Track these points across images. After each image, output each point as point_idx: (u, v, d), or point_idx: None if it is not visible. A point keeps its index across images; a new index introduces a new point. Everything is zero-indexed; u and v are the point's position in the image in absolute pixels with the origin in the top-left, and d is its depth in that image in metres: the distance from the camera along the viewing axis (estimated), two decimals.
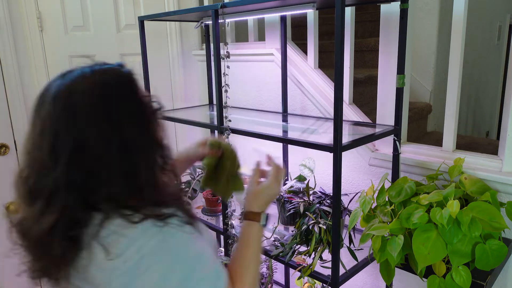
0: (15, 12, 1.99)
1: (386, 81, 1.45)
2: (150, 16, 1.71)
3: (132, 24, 2.19)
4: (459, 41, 1.27)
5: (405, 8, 1.26)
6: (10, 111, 2.01)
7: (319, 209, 1.30)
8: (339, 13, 0.96)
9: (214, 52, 1.34)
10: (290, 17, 1.81)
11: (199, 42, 2.35)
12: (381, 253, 1.08)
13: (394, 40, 1.39)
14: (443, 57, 2.40)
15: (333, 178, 1.07)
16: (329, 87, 1.65)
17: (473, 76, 2.87)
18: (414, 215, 1.04)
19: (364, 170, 1.55)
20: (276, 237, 1.41)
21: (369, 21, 2.71)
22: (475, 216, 1.00)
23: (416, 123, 2.23)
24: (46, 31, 2.07)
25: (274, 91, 1.87)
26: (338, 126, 1.03)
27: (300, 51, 1.80)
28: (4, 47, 1.96)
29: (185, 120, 1.71)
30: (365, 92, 2.09)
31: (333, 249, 1.12)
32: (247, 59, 1.96)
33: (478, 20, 2.74)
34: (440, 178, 1.29)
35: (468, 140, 2.23)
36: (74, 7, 2.10)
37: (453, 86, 1.31)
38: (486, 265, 0.99)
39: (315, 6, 1.25)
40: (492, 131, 3.39)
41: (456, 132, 1.35)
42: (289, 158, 1.80)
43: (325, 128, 1.46)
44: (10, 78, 2.00)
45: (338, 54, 0.98)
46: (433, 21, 2.34)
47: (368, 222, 1.21)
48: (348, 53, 1.54)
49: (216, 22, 1.33)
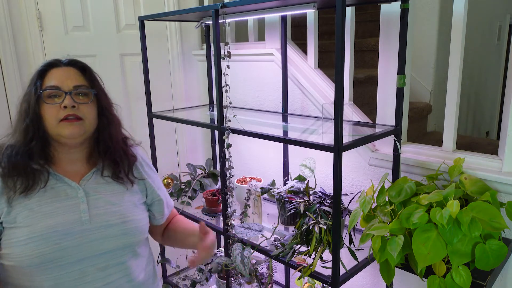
0: (15, 12, 1.99)
1: (386, 81, 1.45)
2: (150, 16, 1.71)
3: (132, 24, 2.19)
4: (459, 41, 1.27)
5: (406, 8, 1.26)
6: (10, 111, 2.01)
7: (319, 209, 1.30)
8: (339, 13, 0.96)
9: (214, 52, 1.34)
10: (290, 17, 1.81)
11: (199, 42, 2.35)
12: (381, 253, 1.08)
13: (394, 40, 1.39)
14: (443, 57, 2.39)
15: (333, 178, 1.07)
16: (329, 87, 1.65)
17: (473, 76, 2.87)
18: (414, 215, 1.04)
19: (364, 170, 1.55)
20: (276, 237, 1.41)
21: (369, 21, 2.71)
22: (475, 216, 1.00)
23: (416, 123, 2.24)
24: (46, 31, 2.07)
25: (274, 91, 1.88)
26: (339, 126, 1.03)
27: (300, 51, 1.80)
28: (4, 47, 1.97)
29: (185, 120, 1.71)
30: (365, 92, 2.09)
31: (333, 249, 1.12)
32: (247, 59, 1.96)
33: (478, 20, 2.74)
34: (440, 178, 1.29)
35: (468, 140, 2.23)
36: (74, 7, 2.10)
37: (453, 86, 1.31)
38: (486, 265, 0.99)
39: (315, 6, 1.25)
40: (492, 131, 3.39)
41: (456, 132, 1.35)
42: (289, 158, 1.80)
43: (325, 128, 1.46)
44: (10, 78, 2.00)
45: (338, 54, 0.98)
46: (433, 21, 2.34)
47: (368, 222, 1.21)
48: (348, 53, 1.54)
49: (216, 22, 1.33)
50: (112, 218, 1.04)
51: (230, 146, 1.40)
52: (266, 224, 1.61)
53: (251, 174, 2.05)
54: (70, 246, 0.98)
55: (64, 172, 1.04)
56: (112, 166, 1.10)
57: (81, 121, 1.01)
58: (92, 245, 1.01)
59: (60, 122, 0.99)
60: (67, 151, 1.05)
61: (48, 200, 0.99)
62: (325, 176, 1.69)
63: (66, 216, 0.99)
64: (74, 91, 1.01)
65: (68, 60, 1.06)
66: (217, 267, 1.83)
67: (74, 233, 0.99)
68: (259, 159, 2.01)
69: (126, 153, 1.13)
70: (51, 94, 1.01)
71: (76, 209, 1.01)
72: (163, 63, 2.29)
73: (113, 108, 1.12)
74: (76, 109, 1.00)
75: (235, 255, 1.35)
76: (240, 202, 1.66)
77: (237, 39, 2.21)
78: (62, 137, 1.00)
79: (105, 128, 1.08)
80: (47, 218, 0.98)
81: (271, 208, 1.77)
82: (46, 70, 1.04)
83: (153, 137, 1.86)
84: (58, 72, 1.03)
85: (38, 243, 0.95)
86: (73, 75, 1.04)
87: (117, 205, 1.07)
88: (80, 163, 1.08)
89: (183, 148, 2.40)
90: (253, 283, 1.76)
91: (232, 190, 1.44)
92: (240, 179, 1.75)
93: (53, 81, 1.01)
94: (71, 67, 1.05)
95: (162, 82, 2.29)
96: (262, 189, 1.65)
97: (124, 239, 1.05)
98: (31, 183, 0.98)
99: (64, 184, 1.03)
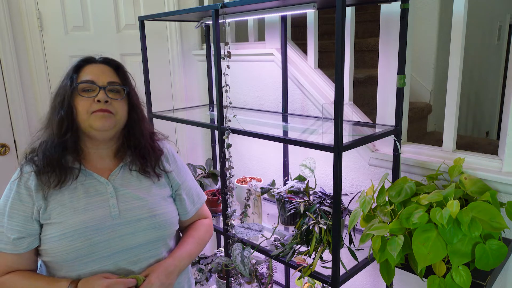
0: (15, 12, 1.99)
1: (386, 81, 1.45)
2: (150, 16, 1.71)
3: (132, 24, 2.19)
4: (459, 41, 1.27)
5: (406, 8, 1.26)
6: (10, 111, 2.01)
7: (319, 209, 1.30)
8: (339, 13, 0.96)
9: (214, 52, 1.34)
10: (290, 17, 1.81)
11: (199, 42, 2.35)
12: (381, 253, 1.08)
13: (394, 40, 1.39)
14: (443, 57, 2.40)
15: (333, 178, 1.07)
16: (329, 87, 1.65)
17: (473, 76, 2.87)
18: (414, 215, 1.04)
19: (364, 170, 1.55)
20: (276, 237, 1.41)
21: (369, 21, 2.71)
22: (475, 216, 1.00)
23: (416, 123, 2.24)
24: (46, 31, 2.07)
25: (274, 91, 1.88)
26: (339, 126, 1.03)
27: (300, 51, 1.80)
28: (4, 47, 1.97)
29: (185, 120, 1.71)
30: (365, 92, 2.10)
31: (333, 249, 1.12)
32: (247, 59, 1.96)
33: (478, 20, 2.74)
34: (440, 178, 1.29)
35: (468, 140, 2.23)
36: (74, 7, 2.10)
37: (453, 86, 1.31)
38: (486, 265, 0.99)
39: (315, 6, 1.25)
40: (492, 131, 3.39)
41: (456, 132, 1.35)
42: (290, 158, 1.80)
43: (325, 128, 1.46)
44: (10, 78, 2.00)
45: (339, 54, 0.98)
46: (433, 21, 2.34)
47: (368, 222, 1.21)
48: (348, 53, 1.54)
49: (216, 22, 1.33)
50: (141, 212, 1.07)
51: (230, 146, 1.40)
52: (266, 224, 1.61)
53: (251, 174, 2.05)
54: (101, 241, 1.01)
55: (93, 168, 1.08)
56: (140, 160, 1.13)
57: (112, 115, 1.05)
58: (122, 239, 1.04)
59: (92, 114, 1.02)
60: (96, 147, 1.09)
61: (79, 196, 1.03)
62: (325, 176, 1.68)
63: (96, 212, 1.03)
64: (108, 87, 1.05)
65: (103, 58, 1.11)
66: (217, 267, 1.83)
67: (105, 228, 1.02)
68: (259, 159, 2.01)
69: (153, 148, 1.17)
70: (86, 88, 1.04)
71: (105, 205, 1.04)
72: (163, 63, 2.29)
73: (142, 105, 1.16)
74: (109, 104, 1.04)
75: (235, 255, 1.35)
76: (240, 202, 1.66)
77: (237, 39, 2.21)
78: (93, 130, 1.03)
79: (135, 124, 1.12)
80: (79, 214, 1.01)
81: (271, 208, 1.77)
82: (82, 65, 1.08)
83: None
84: (94, 68, 1.07)
85: (71, 239, 0.99)
86: (108, 72, 1.08)
87: (145, 199, 1.09)
88: (108, 159, 1.11)
89: (183, 148, 2.40)
90: (253, 283, 1.76)
91: (232, 190, 1.44)
92: (240, 179, 1.75)
93: (88, 76, 1.05)
94: (106, 64, 1.10)
95: (162, 82, 2.29)
96: (262, 189, 1.65)
97: (154, 232, 1.08)
98: (64, 178, 1.02)
99: (94, 179, 1.06)
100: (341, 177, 1.07)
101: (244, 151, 2.08)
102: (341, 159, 1.06)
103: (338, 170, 1.06)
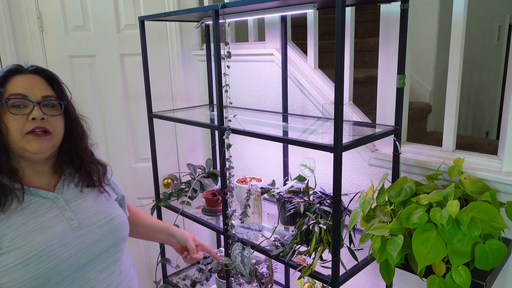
0: (15, 12, 2.00)
1: (386, 81, 1.45)
2: (150, 16, 1.71)
3: (132, 24, 2.19)
4: (459, 41, 1.27)
5: (406, 8, 1.26)
6: None
7: (319, 209, 1.30)
8: (339, 13, 0.97)
9: (214, 52, 1.34)
10: (290, 17, 1.81)
11: (199, 42, 2.35)
12: (381, 253, 1.08)
13: (394, 40, 1.39)
14: (443, 57, 2.40)
15: (333, 178, 1.07)
16: (329, 87, 1.65)
17: (473, 76, 2.87)
18: (414, 215, 1.04)
19: (364, 170, 1.55)
20: (276, 237, 1.41)
21: (369, 21, 2.71)
22: (475, 216, 1.00)
23: (416, 123, 2.24)
24: (46, 31, 2.07)
25: (274, 91, 1.88)
26: (339, 126, 1.03)
27: (300, 51, 1.80)
28: (4, 47, 1.97)
29: (185, 120, 1.71)
30: (365, 92, 2.10)
31: (333, 249, 1.13)
32: (247, 59, 1.96)
33: (478, 20, 2.74)
34: (440, 178, 1.29)
35: (468, 140, 2.24)
36: (74, 7, 2.10)
37: (453, 86, 1.31)
38: (485, 265, 0.99)
39: (315, 6, 1.25)
40: (492, 131, 3.39)
41: (456, 132, 1.35)
42: (290, 158, 1.80)
43: (325, 128, 1.46)
44: None
45: (338, 54, 0.98)
46: (433, 21, 2.34)
47: (368, 222, 1.21)
48: (348, 53, 1.54)
49: (216, 22, 1.33)
50: (99, 218, 1.04)
51: (230, 146, 1.40)
52: (266, 224, 1.61)
53: (251, 174, 2.05)
54: (70, 256, 0.95)
55: (35, 185, 0.98)
56: (84, 177, 1.06)
57: (50, 135, 0.95)
58: (90, 249, 0.99)
59: (25, 135, 0.91)
60: (32, 165, 0.98)
61: (31, 216, 0.93)
62: (325, 176, 1.69)
63: (56, 228, 0.95)
64: (43, 101, 0.94)
65: (34, 67, 0.99)
66: (217, 267, 1.84)
67: (70, 241, 0.95)
68: (259, 159, 2.01)
69: (97, 162, 1.11)
70: (17, 103, 0.92)
71: (62, 219, 0.97)
72: (163, 63, 2.29)
73: (80, 118, 1.07)
74: (45, 122, 0.93)
75: (235, 255, 1.35)
76: (240, 202, 1.66)
77: (237, 39, 2.21)
78: (27, 152, 0.92)
79: (75, 140, 1.04)
80: (38, 234, 0.92)
81: (271, 208, 1.77)
82: (8, 76, 0.94)
83: (153, 137, 1.86)
84: (23, 80, 0.95)
85: (38, 261, 0.89)
86: (40, 84, 0.96)
87: (98, 206, 1.06)
88: (47, 175, 1.02)
89: (183, 148, 2.40)
90: (253, 283, 1.76)
91: (232, 190, 1.44)
92: (240, 179, 1.75)
93: (18, 89, 0.92)
94: (37, 75, 0.98)
95: (162, 82, 2.29)
96: (262, 189, 1.65)
97: (115, 235, 1.06)
98: (4, 200, 0.91)
99: (40, 197, 0.97)
100: (341, 177, 1.07)
101: (244, 151, 2.08)
102: (341, 159, 1.06)
103: (338, 170, 1.06)
